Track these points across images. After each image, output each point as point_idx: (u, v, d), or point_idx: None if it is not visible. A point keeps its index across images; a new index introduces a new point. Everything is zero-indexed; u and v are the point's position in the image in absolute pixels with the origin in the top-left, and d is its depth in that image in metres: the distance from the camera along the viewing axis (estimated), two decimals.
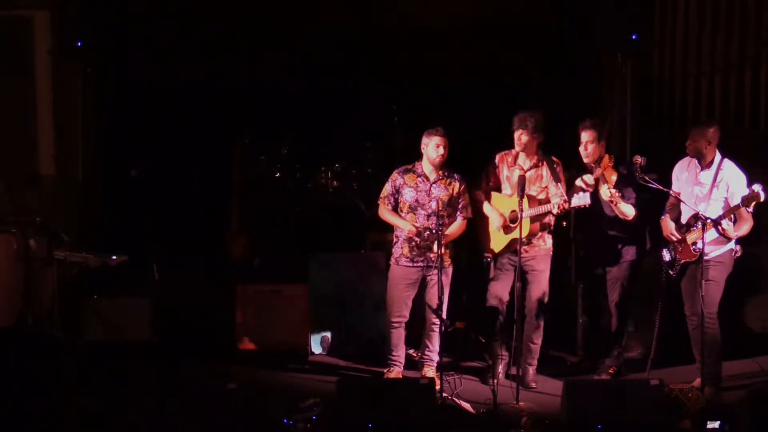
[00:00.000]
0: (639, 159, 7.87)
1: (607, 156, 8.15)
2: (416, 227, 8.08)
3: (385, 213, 8.30)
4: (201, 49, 10.55)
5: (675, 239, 7.83)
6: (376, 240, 9.58)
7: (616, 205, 7.99)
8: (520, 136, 8.12)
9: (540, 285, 8.19)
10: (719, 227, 7.59)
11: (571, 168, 8.25)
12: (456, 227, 8.19)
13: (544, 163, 8.18)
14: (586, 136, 8.14)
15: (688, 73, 10.13)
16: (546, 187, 8.15)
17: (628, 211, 8.06)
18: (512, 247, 8.11)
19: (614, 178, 8.06)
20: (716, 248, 7.74)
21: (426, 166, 8.22)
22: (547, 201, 8.05)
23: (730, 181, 7.74)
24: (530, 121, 8.07)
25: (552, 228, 8.22)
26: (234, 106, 10.60)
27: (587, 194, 7.89)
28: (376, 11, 10.60)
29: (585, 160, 8.15)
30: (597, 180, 8.07)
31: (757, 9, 9.94)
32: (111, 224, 10.18)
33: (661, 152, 8.91)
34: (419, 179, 8.21)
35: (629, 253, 8.23)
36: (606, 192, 7.96)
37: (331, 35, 10.58)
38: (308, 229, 10.33)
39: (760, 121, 9.94)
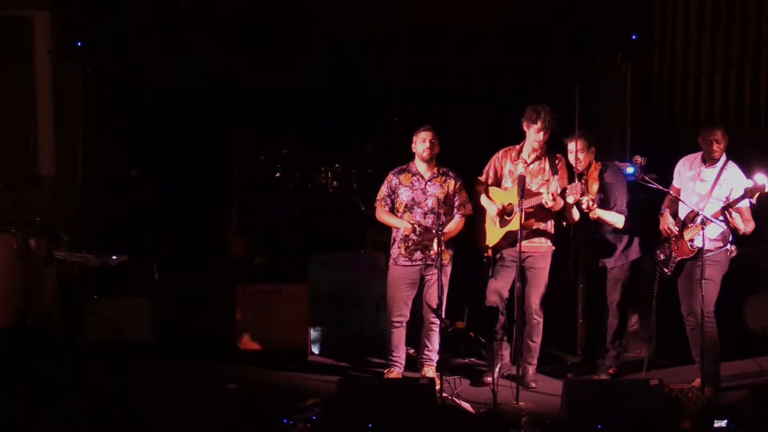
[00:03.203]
0: (639, 159, 7.87)
1: (594, 163, 8.12)
2: (412, 224, 8.08)
3: (382, 214, 8.30)
4: (201, 49, 10.56)
5: (672, 234, 7.83)
6: (376, 240, 9.57)
7: (594, 217, 7.92)
8: (544, 136, 8.05)
9: (539, 283, 8.18)
10: (727, 217, 7.57)
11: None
12: (454, 225, 8.19)
13: (546, 157, 8.17)
14: (573, 145, 8.07)
15: (688, 73, 10.14)
16: (548, 180, 8.13)
17: (612, 219, 8.03)
18: (509, 240, 8.10)
19: (595, 187, 8.01)
20: (712, 246, 7.73)
21: (419, 165, 8.23)
22: None
23: (734, 182, 7.74)
24: (552, 121, 8.02)
25: (553, 224, 8.20)
26: (234, 106, 10.61)
27: (578, 185, 7.83)
28: (376, 11, 10.61)
29: (578, 169, 8.10)
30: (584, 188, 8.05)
31: (757, 9, 9.96)
32: (111, 224, 10.18)
33: (660, 152, 8.91)
34: (414, 178, 8.21)
35: (629, 253, 8.23)
36: (584, 202, 7.91)
37: (331, 35, 10.58)
38: (308, 229, 10.33)
39: (760, 120, 9.95)
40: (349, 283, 9.18)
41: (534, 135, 8.07)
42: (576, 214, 8.04)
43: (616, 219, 8.05)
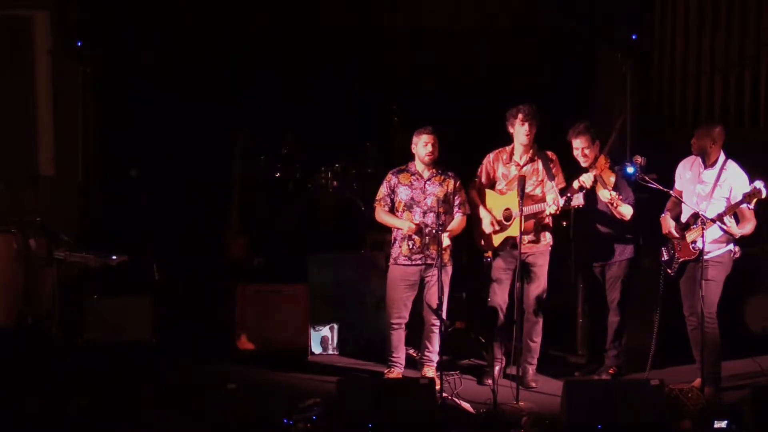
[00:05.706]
0: (639, 159, 7.85)
1: (602, 157, 8.08)
2: (416, 224, 8.08)
3: (382, 215, 8.29)
4: (201, 49, 10.56)
5: (674, 237, 7.83)
6: (376, 240, 9.58)
7: (616, 207, 7.96)
8: (530, 128, 8.06)
9: (539, 281, 8.18)
10: (723, 224, 7.58)
11: (568, 167, 8.23)
12: (456, 223, 8.18)
13: (539, 158, 8.17)
14: (579, 142, 8.08)
15: (688, 73, 10.14)
16: (542, 181, 8.13)
17: (626, 211, 8.03)
18: (509, 243, 8.10)
19: (612, 179, 8.01)
20: (715, 248, 7.74)
21: (419, 165, 8.22)
22: (543, 197, 8.04)
23: (734, 182, 7.73)
24: (533, 112, 8.03)
25: (551, 224, 8.20)
26: (234, 105, 10.61)
27: (581, 195, 7.85)
28: (376, 11, 10.62)
29: (583, 165, 8.10)
30: (595, 181, 8.04)
31: (757, 9, 9.96)
32: (111, 224, 10.18)
33: (661, 152, 8.91)
34: (413, 177, 8.21)
35: (628, 251, 8.22)
36: (606, 194, 7.90)
37: (331, 35, 10.59)
38: (308, 229, 10.33)
39: (760, 121, 9.95)
40: (349, 283, 9.18)
41: (520, 128, 8.07)
42: (627, 211, 8.01)
43: (627, 211, 8.03)
